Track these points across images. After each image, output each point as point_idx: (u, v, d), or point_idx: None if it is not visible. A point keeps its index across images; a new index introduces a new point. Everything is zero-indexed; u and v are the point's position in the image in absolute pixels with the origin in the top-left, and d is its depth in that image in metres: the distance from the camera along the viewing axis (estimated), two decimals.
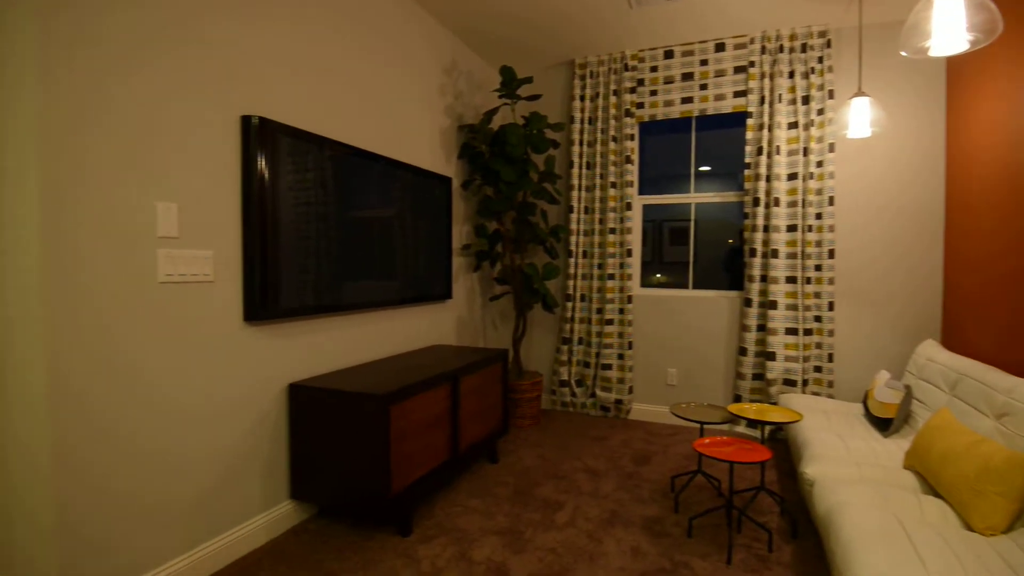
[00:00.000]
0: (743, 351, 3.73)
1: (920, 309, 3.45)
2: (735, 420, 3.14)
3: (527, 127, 3.77)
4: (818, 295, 3.57)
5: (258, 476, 2.27)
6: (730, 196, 3.94)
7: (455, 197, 3.82)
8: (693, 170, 4.07)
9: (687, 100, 3.92)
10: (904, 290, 3.48)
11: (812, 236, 3.56)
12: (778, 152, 3.58)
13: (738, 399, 3.78)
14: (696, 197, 4.05)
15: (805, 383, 3.60)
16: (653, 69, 4.00)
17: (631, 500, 2.72)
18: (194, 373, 1.99)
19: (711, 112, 3.87)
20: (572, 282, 4.17)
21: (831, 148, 3.51)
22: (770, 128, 3.62)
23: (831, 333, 3.56)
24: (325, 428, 2.31)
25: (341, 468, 2.29)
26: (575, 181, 4.15)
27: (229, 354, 2.13)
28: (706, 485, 2.90)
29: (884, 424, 2.65)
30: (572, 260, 4.17)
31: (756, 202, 3.66)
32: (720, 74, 3.82)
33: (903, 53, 1.81)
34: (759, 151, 3.65)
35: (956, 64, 3.23)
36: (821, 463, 2.27)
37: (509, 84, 3.73)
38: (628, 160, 3.98)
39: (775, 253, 3.59)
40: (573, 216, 4.16)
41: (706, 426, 4.02)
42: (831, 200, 3.51)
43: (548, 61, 4.29)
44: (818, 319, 3.58)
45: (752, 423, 3.76)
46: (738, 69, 3.78)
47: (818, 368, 3.59)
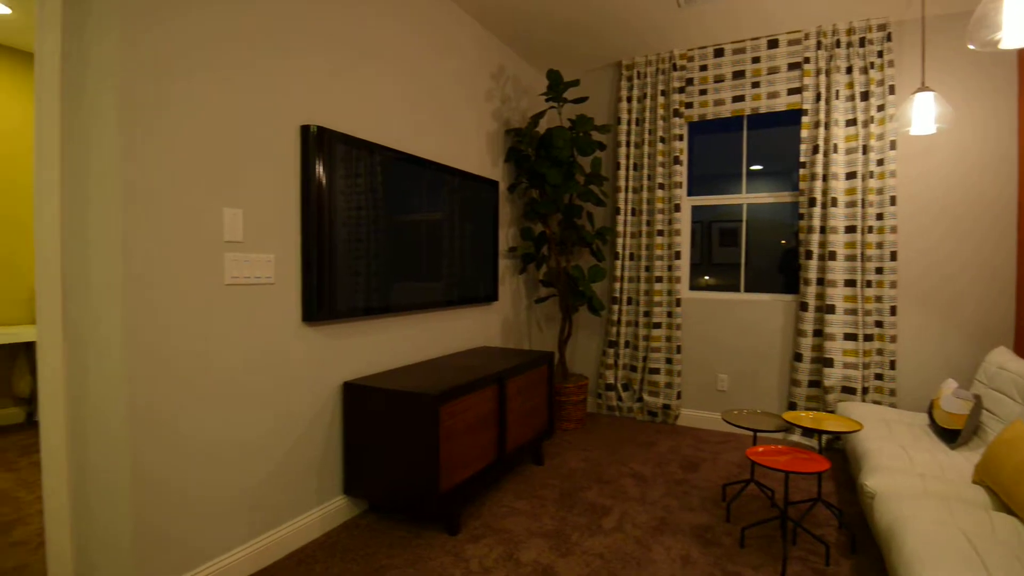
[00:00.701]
0: (798, 357, 3.61)
1: (990, 314, 3.26)
2: (790, 428, 3.03)
3: (573, 130, 3.77)
4: (879, 299, 3.42)
5: (314, 471, 2.36)
6: (784, 196, 3.82)
7: (501, 200, 3.86)
8: (745, 170, 3.97)
9: (738, 99, 3.83)
10: (973, 294, 3.29)
11: (872, 238, 3.41)
12: (835, 150, 3.45)
13: (793, 407, 3.66)
14: (748, 198, 3.94)
15: (865, 391, 3.45)
16: (703, 68, 3.92)
17: (680, 507, 2.67)
18: (257, 371, 2.09)
19: (764, 110, 3.76)
20: (619, 284, 4.14)
21: (892, 146, 3.36)
22: (827, 126, 3.49)
23: (893, 339, 3.40)
24: (377, 426, 2.38)
25: (391, 466, 2.35)
26: (622, 183, 4.11)
27: (288, 353, 2.22)
28: (759, 495, 2.82)
29: (951, 436, 2.52)
30: (619, 262, 4.13)
31: (812, 202, 3.54)
32: (773, 71, 3.72)
33: (971, 46, 1.72)
34: (815, 149, 3.52)
35: None
36: (883, 475, 2.18)
37: (555, 87, 3.74)
38: (676, 161, 3.92)
39: (833, 255, 3.46)
40: (620, 218, 4.12)
41: (759, 434, 3.90)
42: (893, 200, 3.36)
43: (594, 63, 4.27)
44: (879, 324, 3.43)
45: (808, 432, 3.63)
46: (792, 66, 3.67)
47: (879, 376, 3.44)
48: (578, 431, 3.89)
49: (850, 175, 3.46)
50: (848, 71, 3.46)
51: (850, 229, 3.46)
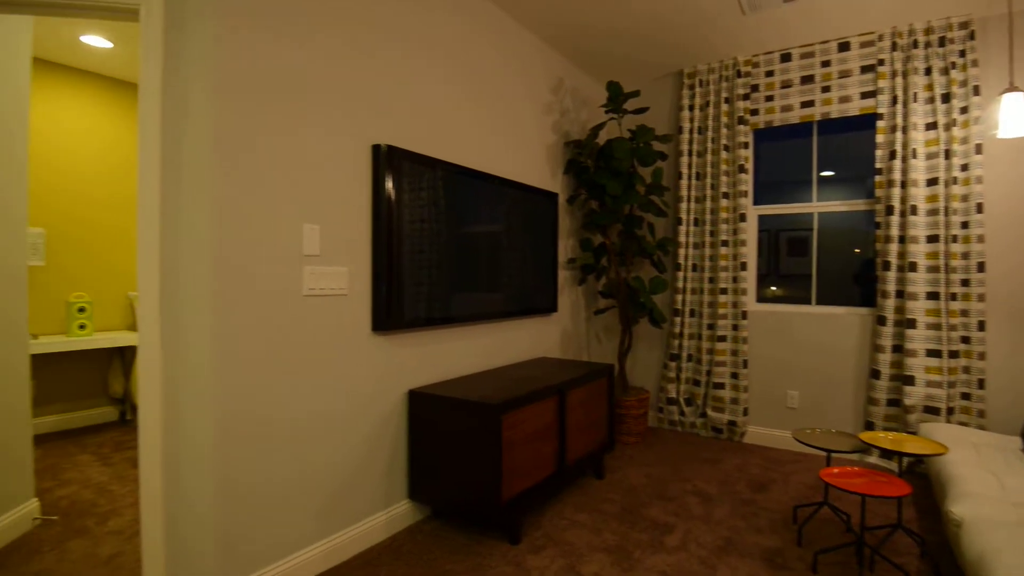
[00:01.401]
0: (876, 374, 3.42)
1: None
2: (867, 449, 2.87)
3: (634, 140, 3.75)
4: (965, 313, 3.20)
5: (380, 476, 2.44)
6: (858, 204, 3.65)
7: (561, 212, 3.88)
8: (815, 178, 3.82)
9: (807, 104, 3.71)
10: None
11: (957, 247, 3.20)
12: (914, 156, 3.28)
13: (870, 426, 3.47)
14: (819, 206, 3.79)
15: (950, 411, 3.23)
16: (769, 74, 3.83)
17: (748, 528, 2.58)
18: (331, 377, 2.20)
19: (835, 116, 3.62)
20: (681, 296, 4.06)
21: (978, 150, 3.15)
22: (904, 130, 3.32)
23: (982, 356, 3.17)
24: (440, 433, 2.44)
25: (454, 473, 2.40)
26: (684, 192, 4.05)
27: (359, 361, 2.32)
28: (833, 519, 2.69)
29: None
30: (680, 274, 4.06)
31: (890, 210, 3.37)
32: (845, 75, 3.58)
33: None
34: (892, 155, 3.36)
35: None
36: (971, 502, 2.03)
37: (615, 99, 3.74)
38: (742, 169, 3.83)
39: (913, 266, 3.27)
40: (682, 228, 4.06)
41: (834, 454, 3.72)
42: (979, 207, 3.14)
43: (655, 73, 4.25)
44: (966, 340, 3.21)
45: (887, 454, 3.43)
46: (865, 68, 3.52)
47: (966, 395, 3.21)
48: (639, 445, 3.83)
49: (931, 181, 3.27)
50: (927, 72, 3.29)
51: (932, 239, 3.27)
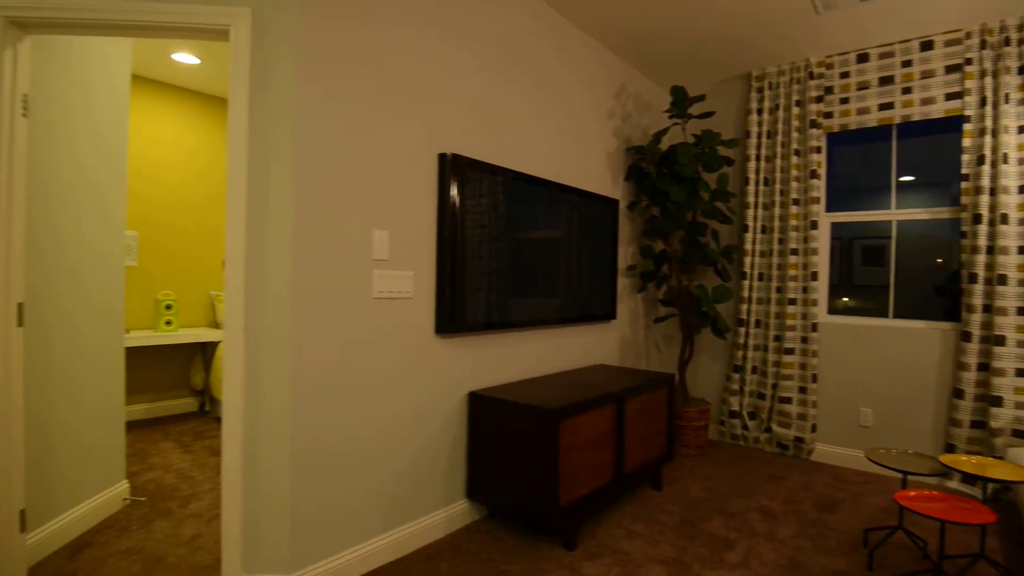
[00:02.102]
0: (959, 393, 3.20)
1: None
2: (947, 473, 2.68)
3: (698, 145, 3.68)
4: None
5: (441, 474, 2.50)
6: (942, 212, 3.43)
7: (621, 218, 3.86)
8: (894, 183, 3.62)
9: (886, 106, 3.53)
10: None
11: None
12: (1005, 160, 3.05)
13: (951, 449, 3.24)
14: (898, 214, 3.59)
15: None
16: (844, 75, 3.66)
17: (814, 549, 2.48)
18: (398, 377, 2.29)
19: (916, 118, 3.43)
20: (746, 306, 3.94)
21: None
22: (994, 133, 3.10)
23: None
24: (498, 436, 2.48)
25: (512, 475, 2.43)
26: (751, 199, 3.94)
27: (423, 362, 2.40)
28: (908, 544, 2.54)
29: None
30: (746, 282, 3.94)
31: (977, 219, 3.15)
32: (927, 75, 3.38)
33: None
34: (980, 160, 3.14)
35: None
36: None
37: (680, 103, 3.68)
38: (813, 175, 3.68)
39: (1003, 279, 3.05)
40: (748, 236, 3.94)
41: (910, 477, 3.50)
42: None
43: (721, 76, 4.15)
44: None
45: (970, 479, 3.20)
46: (951, 68, 3.31)
47: None
48: (699, 458, 3.74)
49: None
50: (1020, 72, 3.06)
51: None
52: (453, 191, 2.44)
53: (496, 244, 2.69)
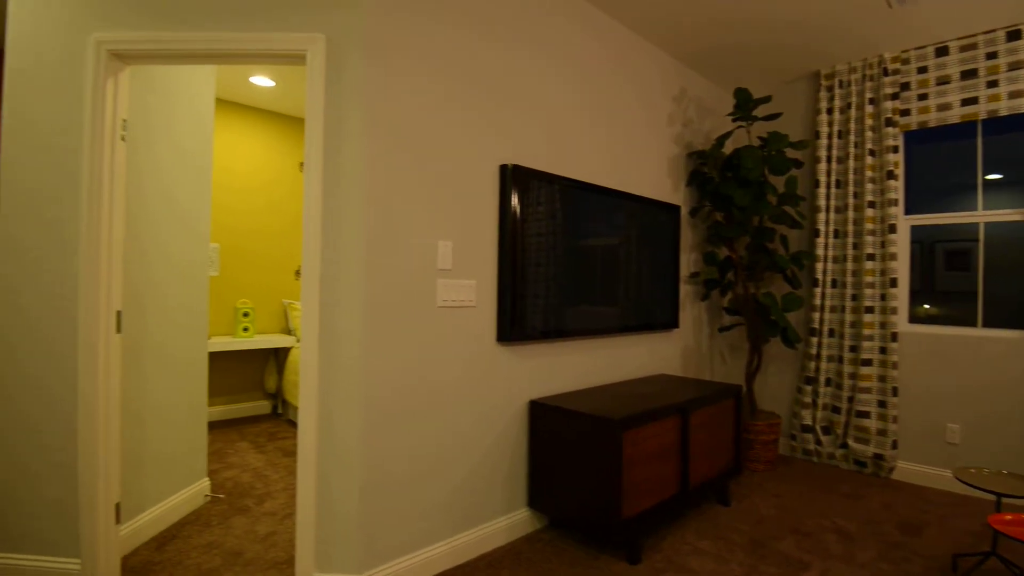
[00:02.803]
0: None
1: None
2: None
3: (764, 148, 3.56)
4: None
5: (501, 482, 2.52)
6: None
7: (683, 224, 3.77)
8: (980, 183, 3.37)
9: (969, 101, 3.29)
10: None
11: None
12: None
13: None
14: (986, 215, 3.33)
15: None
16: (921, 70, 3.45)
17: (896, 574, 2.32)
18: (461, 384, 2.33)
19: (1004, 113, 3.18)
20: (818, 315, 3.76)
21: None
22: None
23: None
24: (559, 445, 2.47)
25: (573, 485, 2.41)
26: (821, 202, 3.76)
27: (485, 370, 2.43)
28: (1003, 572, 2.33)
29: None
30: (818, 290, 3.76)
31: None
32: (1016, 67, 3.13)
33: None
34: None
35: None
36: None
37: (744, 106, 3.58)
38: (890, 175, 3.48)
39: None
40: (819, 241, 3.76)
41: (1005, 499, 3.22)
42: None
43: (787, 76, 4.01)
44: None
45: None
46: None
47: None
48: (768, 474, 3.58)
49: None
50: None
51: None
52: (513, 201, 2.47)
53: (555, 253, 2.69)
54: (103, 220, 2.06)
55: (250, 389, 4.81)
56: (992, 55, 3.22)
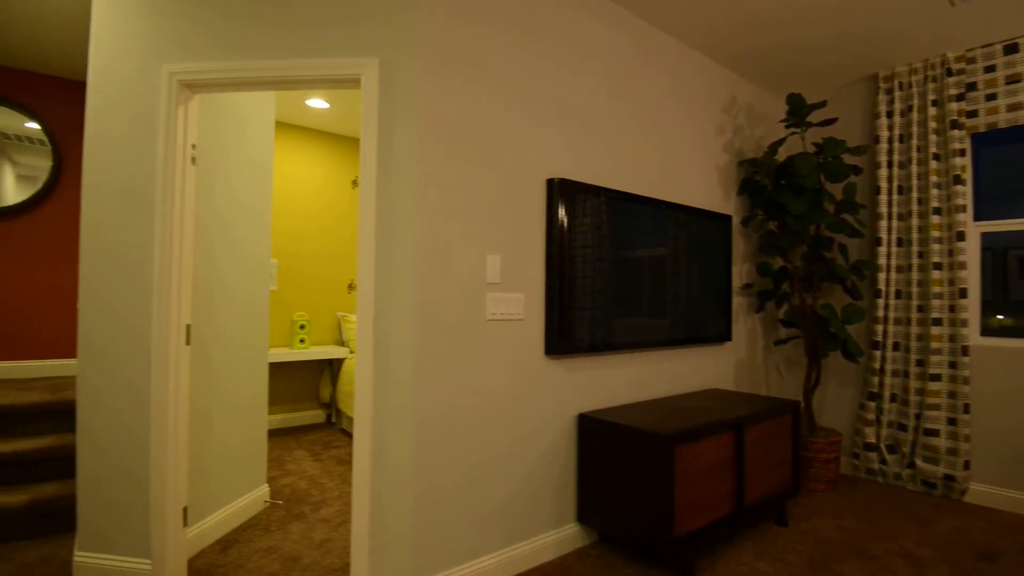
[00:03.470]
0: None
1: None
2: None
3: (820, 154, 3.45)
4: None
5: (550, 496, 2.51)
6: None
7: (734, 234, 3.69)
8: None
9: None
10: None
11: None
12: None
13: None
14: None
15: None
16: (989, 69, 3.27)
17: None
18: (509, 397, 2.35)
19: None
20: (881, 327, 3.59)
21: None
22: None
23: None
24: (609, 459, 2.45)
25: (623, 501, 2.38)
26: (883, 209, 3.60)
27: (533, 382, 2.45)
28: None
29: None
30: (881, 301, 3.59)
31: None
32: None
33: None
34: None
35: None
36: None
37: (797, 111, 3.48)
38: (957, 180, 3.30)
39: None
40: (881, 250, 3.60)
41: None
42: None
43: (842, 80, 3.88)
44: None
45: None
46: None
47: None
48: (829, 494, 3.43)
49: None
50: None
51: None
52: (560, 214, 2.49)
53: (603, 265, 2.69)
54: (174, 238, 2.19)
55: (306, 399, 4.98)
56: None
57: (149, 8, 2.23)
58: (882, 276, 3.59)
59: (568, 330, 2.51)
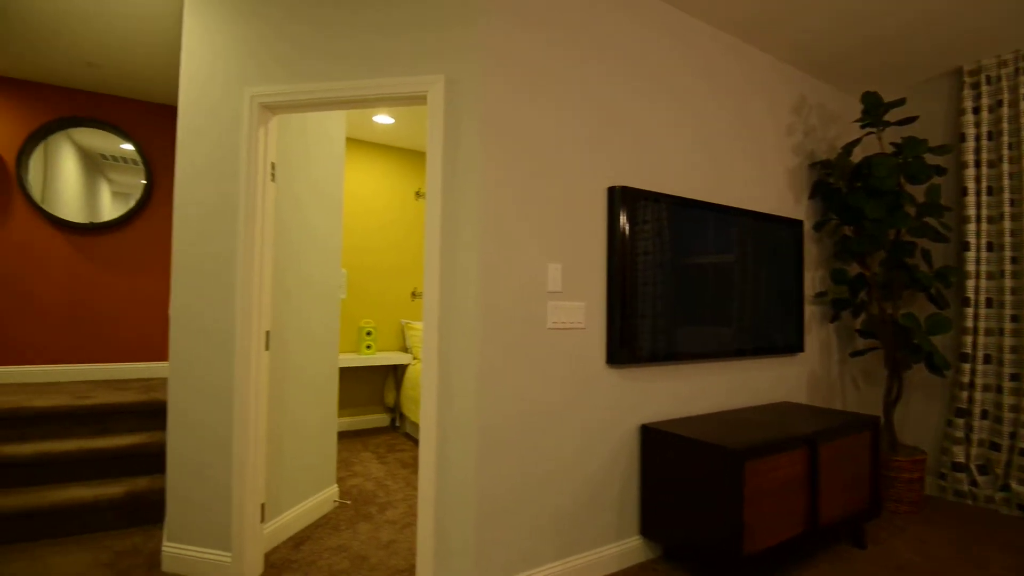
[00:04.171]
0: None
1: None
2: None
3: (899, 155, 3.26)
4: None
5: (612, 507, 2.48)
6: None
7: (806, 240, 3.54)
8: None
9: None
10: None
11: None
12: None
13: None
14: None
15: None
16: None
17: None
18: (570, 407, 2.35)
19: None
20: (970, 338, 3.34)
21: None
22: None
23: None
24: (674, 472, 2.39)
25: (689, 516, 2.32)
26: (971, 211, 3.36)
27: (594, 392, 2.43)
28: None
29: None
30: (970, 310, 3.35)
31: None
32: None
33: None
34: None
35: None
36: None
37: (873, 110, 3.31)
38: None
39: None
40: (969, 255, 3.36)
41: None
42: None
43: (921, 75, 3.65)
44: None
45: None
46: None
47: None
48: (912, 516, 3.21)
49: None
50: None
51: None
52: (621, 222, 2.47)
53: (666, 273, 2.64)
54: (255, 251, 2.33)
55: (371, 403, 5.15)
56: None
57: (233, 36, 2.40)
58: (971, 283, 3.35)
59: (630, 339, 2.49)
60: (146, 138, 4.35)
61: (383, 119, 4.54)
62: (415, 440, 4.66)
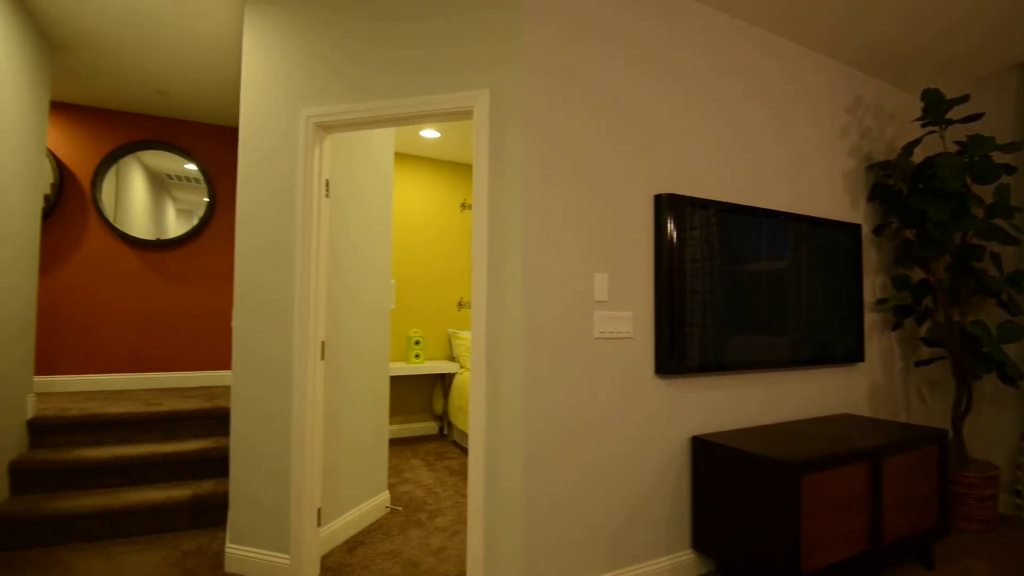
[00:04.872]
0: None
1: None
2: None
3: (964, 154, 3.11)
4: None
5: (662, 520, 2.45)
6: None
7: (865, 245, 3.40)
8: None
9: None
10: None
11: None
12: None
13: None
14: None
15: None
16: None
17: None
18: (618, 416, 2.34)
19: None
20: None
21: None
22: None
23: None
24: (727, 486, 2.34)
25: (744, 531, 2.26)
26: None
27: (643, 402, 2.41)
28: None
29: None
30: None
31: None
32: None
33: None
34: None
35: None
36: None
37: (935, 108, 3.17)
38: None
39: None
40: None
41: None
42: None
43: (985, 70, 3.47)
44: None
45: None
46: None
47: None
48: (984, 535, 3.03)
49: None
50: None
51: None
52: (669, 230, 2.45)
53: (715, 281, 2.59)
54: (312, 264, 2.43)
55: (420, 411, 5.24)
56: None
57: (290, 59, 2.52)
58: None
59: (679, 348, 2.45)
60: (208, 157, 4.59)
61: (429, 133, 4.65)
62: (462, 448, 4.71)
